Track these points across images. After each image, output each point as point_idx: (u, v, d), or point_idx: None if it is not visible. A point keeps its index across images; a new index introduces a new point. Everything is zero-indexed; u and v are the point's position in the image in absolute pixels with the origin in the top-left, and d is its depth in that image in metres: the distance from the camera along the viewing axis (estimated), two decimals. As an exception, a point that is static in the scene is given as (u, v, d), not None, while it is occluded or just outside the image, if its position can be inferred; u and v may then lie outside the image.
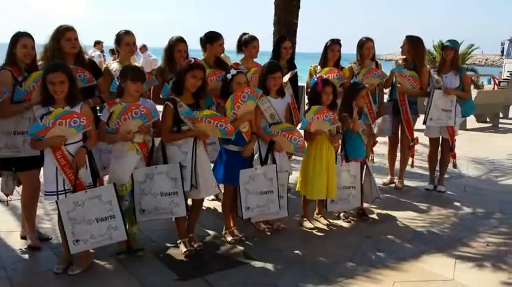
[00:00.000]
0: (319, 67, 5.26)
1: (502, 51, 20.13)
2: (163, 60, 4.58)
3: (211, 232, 4.29)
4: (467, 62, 22.29)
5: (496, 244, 4.17)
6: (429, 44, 22.69)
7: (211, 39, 4.81)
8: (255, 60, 5.10)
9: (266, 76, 4.16)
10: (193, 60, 3.75)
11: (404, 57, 5.69)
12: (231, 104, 3.84)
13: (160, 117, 3.76)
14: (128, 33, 4.32)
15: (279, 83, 4.23)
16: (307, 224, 4.47)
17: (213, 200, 5.08)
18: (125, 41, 4.30)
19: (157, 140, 3.76)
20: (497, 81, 20.99)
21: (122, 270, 3.54)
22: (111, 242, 3.50)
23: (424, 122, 5.56)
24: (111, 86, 4.10)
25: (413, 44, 5.54)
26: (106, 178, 4.05)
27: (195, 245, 3.86)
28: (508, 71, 18.33)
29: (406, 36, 5.58)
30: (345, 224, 4.58)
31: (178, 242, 3.89)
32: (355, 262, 3.75)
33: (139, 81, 3.56)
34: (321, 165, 4.26)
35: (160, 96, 4.40)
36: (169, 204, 3.65)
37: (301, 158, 4.57)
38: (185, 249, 3.78)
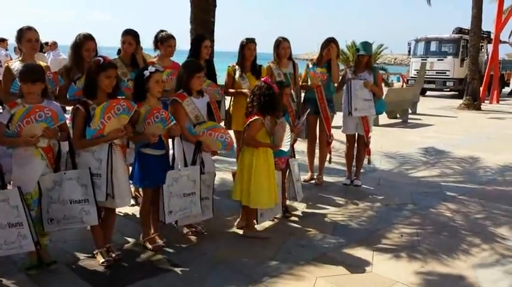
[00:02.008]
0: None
1: (409, 51, 21.42)
2: (70, 58, 4.29)
3: (131, 240, 4.10)
4: (377, 62, 23.54)
5: (409, 234, 4.40)
6: (341, 44, 23.68)
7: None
8: (171, 58, 5.00)
9: (191, 76, 4.02)
10: (102, 60, 3.51)
11: (315, 57, 5.88)
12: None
13: (68, 120, 3.52)
14: (29, 29, 4.00)
15: (202, 83, 4.16)
16: (253, 233, 4.28)
17: (132, 205, 4.87)
18: (26, 37, 3.96)
19: (64, 145, 3.51)
20: (405, 80, 22.42)
21: (34, 286, 3.27)
22: (21, 251, 3.25)
23: (350, 113, 5.74)
24: (12, 87, 3.77)
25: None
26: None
27: (114, 255, 3.66)
28: (415, 70, 19.53)
29: (333, 40, 5.74)
30: (269, 223, 4.60)
31: (94, 252, 3.67)
32: (279, 259, 3.76)
33: (37, 82, 3.29)
34: (267, 171, 4.12)
35: (67, 97, 4.12)
36: (80, 212, 3.39)
37: (226, 158, 4.50)
38: (103, 259, 3.58)
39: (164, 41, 4.91)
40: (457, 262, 3.81)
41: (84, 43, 4.21)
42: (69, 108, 4.46)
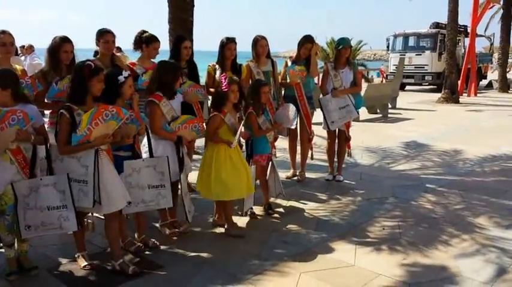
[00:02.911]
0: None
1: (388, 47, 21.66)
2: (47, 62, 4.16)
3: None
4: (357, 58, 23.72)
5: (391, 227, 4.45)
6: (321, 41, 23.82)
7: (99, 36, 4.53)
8: (152, 60, 4.95)
9: (172, 80, 4.04)
10: (93, 65, 3.39)
11: (294, 54, 5.91)
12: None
13: (47, 124, 3.46)
14: (3, 32, 3.93)
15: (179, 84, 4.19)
16: (234, 230, 4.27)
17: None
18: (0, 41, 3.91)
19: (41, 149, 3.44)
20: (384, 75, 22.64)
21: (13, 293, 3.23)
22: None
23: (328, 128, 5.82)
24: None
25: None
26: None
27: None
28: (394, 65, 19.76)
29: (310, 38, 5.76)
30: (252, 221, 4.60)
31: (76, 255, 3.62)
32: (263, 257, 3.77)
33: (7, 88, 3.23)
34: (229, 165, 4.15)
35: (45, 100, 4.05)
36: (58, 218, 3.30)
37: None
38: (85, 263, 3.54)
39: (149, 42, 4.86)
40: (438, 253, 3.87)
41: (61, 46, 4.11)
42: (47, 112, 4.40)
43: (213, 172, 4.13)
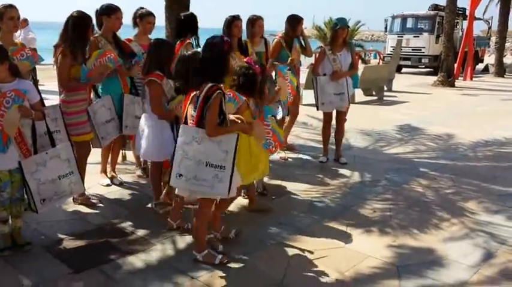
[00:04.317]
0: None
1: (386, 28, 21.50)
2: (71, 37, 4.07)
3: (104, 219, 4.10)
4: (355, 38, 23.52)
5: (381, 210, 4.50)
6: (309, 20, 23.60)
7: (109, 12, 4.50)
8: (149, 36, 4.94)
9: (169, 59, 4.01)
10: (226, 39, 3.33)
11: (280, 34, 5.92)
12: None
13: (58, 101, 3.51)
14: (11, 6, 3.93)
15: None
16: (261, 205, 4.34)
17: (108, 185, 4.87)
18: (8, 15, 3.89)
19: (40, 124, 3.44)
20: (382, 57, 22.54)
21: (8, 268, 3.25)
22: None
23: (317, 108, 5.81)
24: None
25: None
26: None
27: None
28: (391, 47, 19.64)
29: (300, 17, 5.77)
30: (246, 202, 4.63)
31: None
32: (255, 238, 3.81)
33: (4, 61, 3.24)
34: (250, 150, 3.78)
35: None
36: (69, 185, 3.57)
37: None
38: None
39: (143, 17, 4.86)
40: (427, 237, 3.93)
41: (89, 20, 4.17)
42: (45, 88, 4.41)
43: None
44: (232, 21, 5.11)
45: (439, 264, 3.48)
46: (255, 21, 5.43)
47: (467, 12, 18.93)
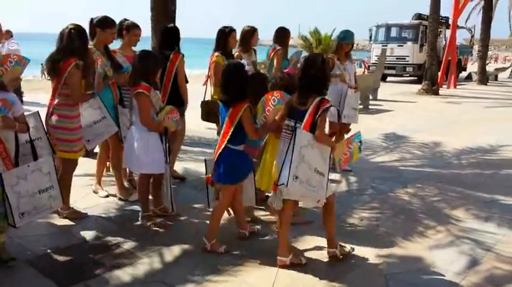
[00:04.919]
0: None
1: (370, 37, 21.76)
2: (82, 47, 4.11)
3: (91, 233, 4.05)
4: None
5: (368, 218, 4.53)
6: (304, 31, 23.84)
7: (105, 25, 4.53)
8: (133, 48, 4.95)
9: (154, 70, 4.05)
10: None
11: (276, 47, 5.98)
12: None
13: (54, 116, 3.69)
14: None
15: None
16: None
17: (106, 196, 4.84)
18: None
19: (23, 137, 3.43)
20: (367, 66, 22.77)
21: (-9, 285, 3.20)
22: None
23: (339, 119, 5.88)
24: None
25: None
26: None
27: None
28: (376, 56, 19.87)
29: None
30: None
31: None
32: (243, 249, 3.80)
33: None
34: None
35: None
36: (48, 199, 3.51)
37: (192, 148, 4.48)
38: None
39: (130, 29, 4.85)
40: (414, 245, 3.96)
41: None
42: (27, 99, 4.37)
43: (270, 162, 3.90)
44: (230, 33, 5.21)
45: (426, 272, 3.50)
46: (254, 33, 5.52)
47: (450, 21, 19.26)
